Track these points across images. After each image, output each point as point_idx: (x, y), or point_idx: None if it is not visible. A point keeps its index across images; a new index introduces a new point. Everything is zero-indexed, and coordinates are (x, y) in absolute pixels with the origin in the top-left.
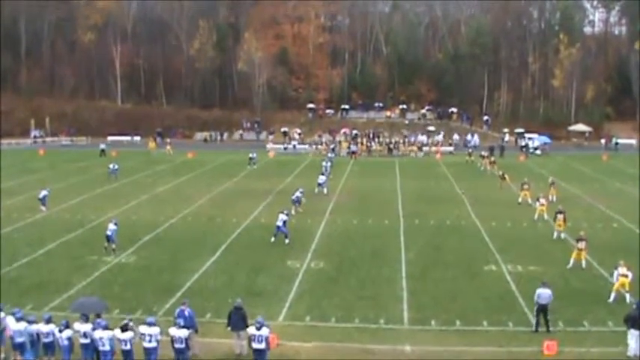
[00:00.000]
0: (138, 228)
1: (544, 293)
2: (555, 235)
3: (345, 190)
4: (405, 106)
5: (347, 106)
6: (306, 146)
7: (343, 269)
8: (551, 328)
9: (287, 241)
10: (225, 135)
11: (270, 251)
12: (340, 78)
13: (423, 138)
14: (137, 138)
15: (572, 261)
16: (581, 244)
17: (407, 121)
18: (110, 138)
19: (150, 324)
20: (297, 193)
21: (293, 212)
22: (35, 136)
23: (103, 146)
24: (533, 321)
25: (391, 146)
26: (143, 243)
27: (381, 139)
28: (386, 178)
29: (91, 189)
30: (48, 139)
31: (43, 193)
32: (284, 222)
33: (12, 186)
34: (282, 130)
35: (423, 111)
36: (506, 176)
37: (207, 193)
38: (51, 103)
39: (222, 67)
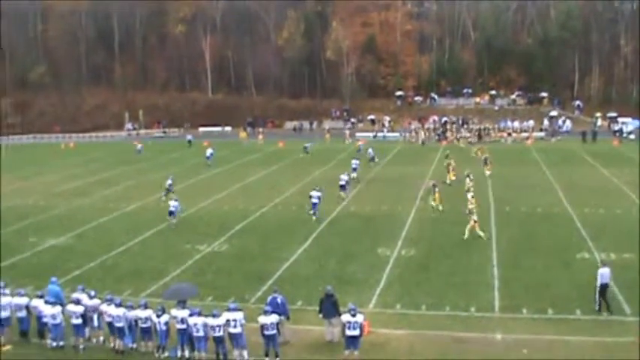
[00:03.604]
0: (230, 217)
1: (605, 272)
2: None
3: (435, 176)
4: (494, 92)
5: (435, 94)
6: (397, 134)
7: (433, 256)
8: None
9: (315, 217)
10: (315, 124)
11: (360, 239)
12: (428, 65)
13: (521, 124)
14: (228, 128)
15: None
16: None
17: (496, 107)
18: (201, 129)
19: (233, 309)
20: (343, 176)
21: (343, 195)
22: (129, 129)
23: (189, 137)
24: (596, 305)
25: (481, 133)
26: (235, 232)
27: (470, 126)
28: (476, 165)
29: (184, 179)
30: (141, 131)
31: (168, 182)
32: (319, 198)
33: (108, 177)
34: (370, 117)
35: (513, 96)
36: (488, 161)
37: (297, 182)
38: (143, 96)
39: (311, 56)
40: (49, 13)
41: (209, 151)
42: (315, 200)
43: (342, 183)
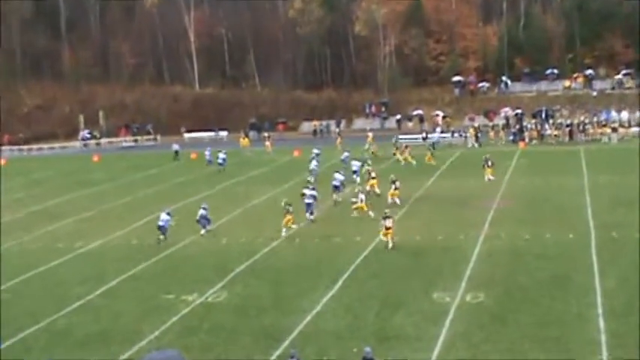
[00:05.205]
0: (229, 255)
1: None
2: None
3: (509, 192)
4: (591, 72)
5: (508, 77)
6: (456, 135)
7: (511, 303)
8: None
9: (312, 217)
10: (342, 124)
11: (408, 280)
12: (497, 38)
13: (631, 115)
14: (223, 133)
15: (385, 239)
16: (388, 222)
17: (594, 92)
18: (187, 135)
19: None
20: (338, 175)
21: (335, 197)
22: (85, 137)
23: (176, 147)
24: None
25: (573, 129)
26: (236, 275)
27: (557, 120)
28: (567, 173)
29: (166, 204)
30: (103, 140)
31: (201, 212)
32: (313, 197)
33: (57, 205)
34: (417, 113)
35: (619, 76)
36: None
37: (321, 204)
38: (105, 92)
39: (334, 32)
40: None
41: (221, 156)
42: (308, 200)
43: (336, 183)
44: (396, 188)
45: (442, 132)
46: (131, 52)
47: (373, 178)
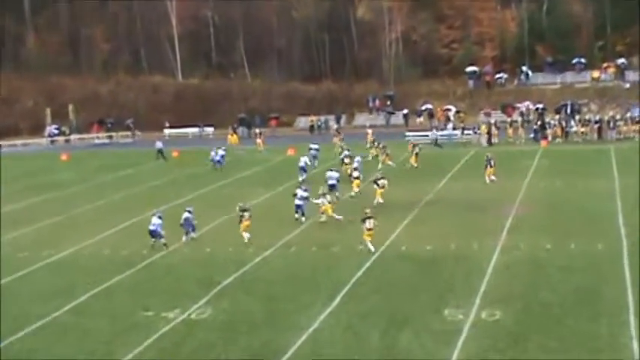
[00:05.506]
0: (215, 265)
1: None
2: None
3: (530, 196)
4: (623, 61)
5: (529, 67)
6: (470, 132)
7: (532, 321)
8: None
9: (303, 219)
10: (343, 119)
11: (416, 295)
12: (516, 23)
13: None
14: (209, 129)
15: (369, 244)
16: (369, 223)
17: (627, 85)
18: (168, 131)
19: None
20: (333, 173)
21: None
22: (53, 134)
23: (159, 145)
24: None
25: (603, 126)
26: (223, 288)
27: (585, 116)
28: (596, 175)
29: (143, 209)
30: (73, 136)
31: (185, 215)
32: (305, 198)
33: (19, 210)
34: (425, 107)
35: None
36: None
37: (318, 209)
38: (75, 82)
39: (334, 16)
40: None
41: (220, 152)
42: (299, 202)
43: (333, 182)
44: (381, 187)
45: (454, 128)
46: (105, 37)
47: (356, 178)
